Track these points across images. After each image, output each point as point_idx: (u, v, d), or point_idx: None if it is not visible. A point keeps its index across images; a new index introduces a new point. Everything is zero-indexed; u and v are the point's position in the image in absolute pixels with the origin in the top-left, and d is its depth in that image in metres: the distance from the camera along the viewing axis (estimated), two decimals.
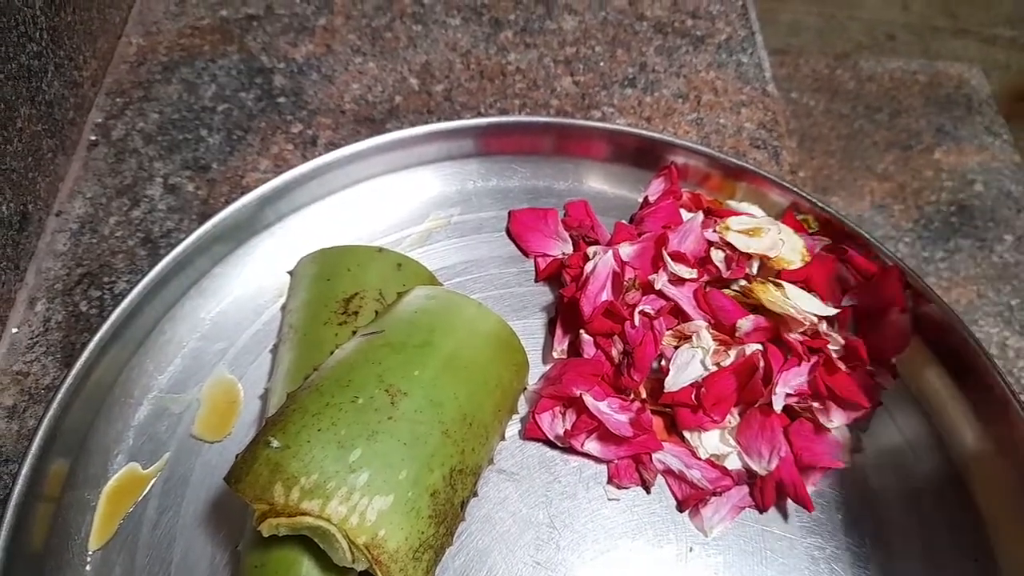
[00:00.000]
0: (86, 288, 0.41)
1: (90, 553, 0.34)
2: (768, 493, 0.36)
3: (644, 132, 0.47)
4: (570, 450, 0.38)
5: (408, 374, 0.32)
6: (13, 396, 0.38)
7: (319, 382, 0.32)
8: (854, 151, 0.55)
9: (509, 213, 0.45)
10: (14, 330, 0.39)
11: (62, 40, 0.44)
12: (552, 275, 0.43)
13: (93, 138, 0.47)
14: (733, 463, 0.37)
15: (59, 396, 0.34)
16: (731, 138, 0.51)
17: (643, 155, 0.47)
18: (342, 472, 0.29)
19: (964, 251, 0.56)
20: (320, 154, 0.45)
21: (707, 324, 0.38)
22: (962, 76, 0.63)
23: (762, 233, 0.40)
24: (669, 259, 0.39)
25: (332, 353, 0.35)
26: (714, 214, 0.43)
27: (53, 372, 0.39)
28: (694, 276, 0.39)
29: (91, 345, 0.36)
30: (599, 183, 0.48)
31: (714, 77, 0.53)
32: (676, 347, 0.39)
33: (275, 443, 0.30)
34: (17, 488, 0.32)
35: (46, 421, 0.34)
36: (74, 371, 0.35)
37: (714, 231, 0.41)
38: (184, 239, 0.40)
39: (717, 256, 0.40)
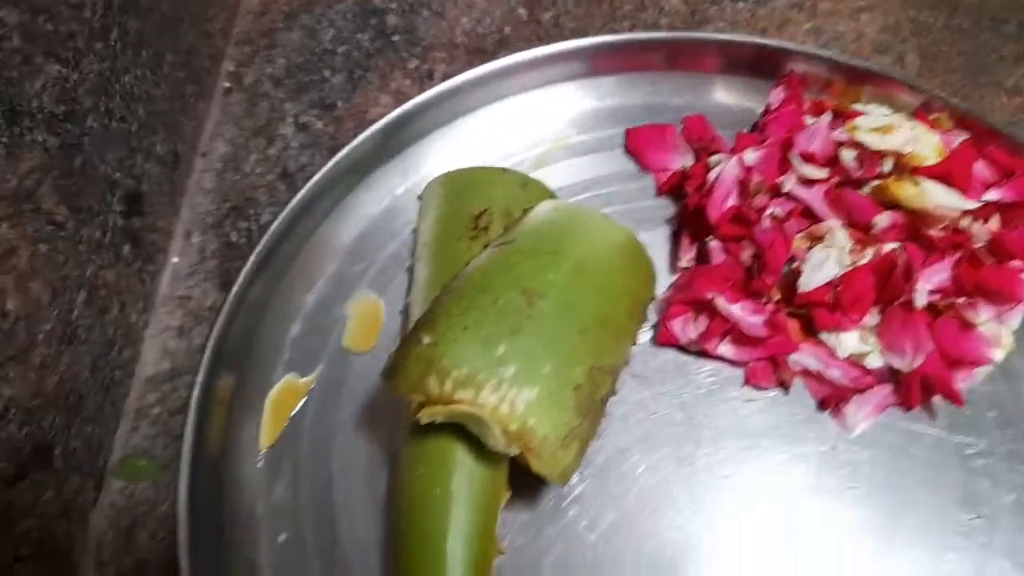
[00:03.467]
0: (234, 220, 0.44)
1: (260, 452, 0.37)
2: (914, 390, 0.36)
3: (759, 39, 0.46)
4: (703, 354, 0.38)
5: (542, 278, 0.33)
6: (179, 318, 0.41)
7: (460, 287, 0.34)
8: (979, 67, 0.52)
9: (626, 131, 0.46)
10: (175, 259, 0.43)
11: None
12: (674, 188, 0.43)
13: (227, 84, 0.49)
14: (874, 362, 0.37)
15: (222, 316, 0.37)
16: (852, 44, 0.50)
17: (760, 65, 0.46)
18: (490, 365, 0.31)
19: None
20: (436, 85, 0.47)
21: (841, 223, 0.38)
22: None
23: (894, 130, 0.39)
24: (799, 160, 0.39)
25: (467, 265, 0.36)
26: (842, 115, 0.41)
27: (213, 295, 0.42)
28: (824, 176, 0.39)
29: (245, 270, 0.39)
30: (716, 97, 0.47)
31: None
32: (809, 248, 0.38)
33: (426, 340, 0.32)
34: (195, 396, 0.36)
35: (213, 338, 0.37)
36: (232, 294, 0.38)
37: (842, 131, 0.40)
38: (317, 171, 0.42)
39: (847, 156, 0.39)
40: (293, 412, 0.38)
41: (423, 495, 0.33)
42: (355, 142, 0.42)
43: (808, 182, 0.39)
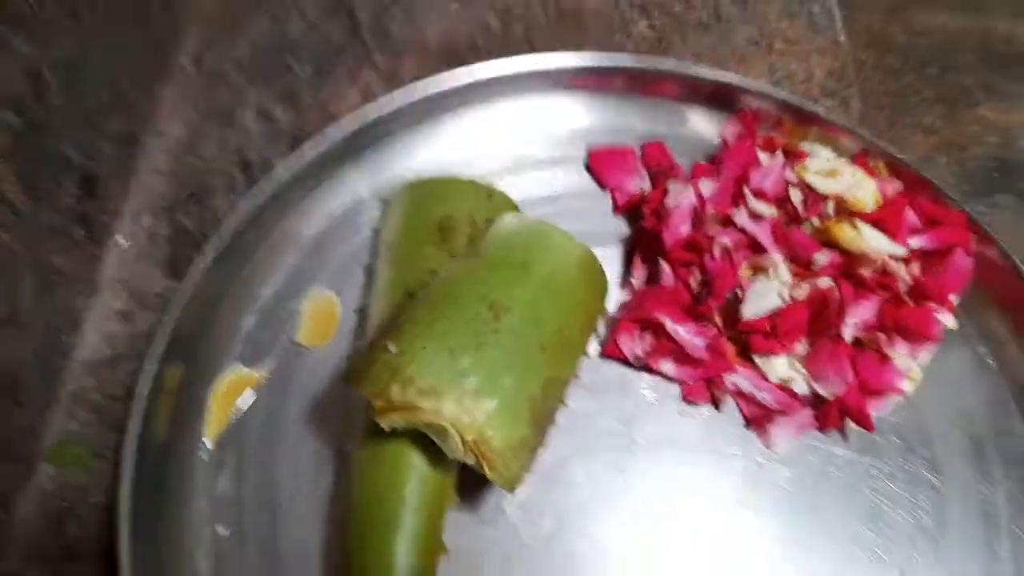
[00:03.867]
0: (188, 206, 0.43)
1: (205, 445, 0.37)
2: (832, 415, 0.38)
3: (717, 75, 0.48)
4: (646, 369, 0.40)
5: (509, 292, 0.34)
6: (124, 302, 0.40)
7: (428, 296, 0.35)
8: (903, 106, 0.55)
9: (588, 150, 0.47)
10: (123, 242, 0.42)
11: None
12: (630, 208, 0.45)
13: (188, 65, 0.48)
14: (800, 387, 0.39)
15: (175, 304, 0.37)
16: (802, 84, 0.52)
17: (718, 97, 0.48)
18: (454, 377, 0.32)
19: (1006, 207, 0.57)
20: (404, 85, 0.47)
21: (783, 257, 0.40)
22: (1013, 33, 0.63)
23: (838, 175, 0.42)
24: (751, 196, 0.41)
25: (431, 273, 0.37)
26: (792, 155, 0.44)
27: (161, 281, 0.41)
28: (773, 213, 0.41)
29: (200, 259, 0.38)
30: (675, 124, 0.49)
31: (786, 26, 0.54)
32: (751, 278, 0.40)
33: (393, 348, 0.32)
34: (141, 383, 0.35)
35: (164, 325, 0.36)
36: (186, 282, 0.37)
37: (792, 171, 0.42)
38: (280, 163, 0.42)
39: (795, 196, 0.42)
40: (241, 405, 0.38)
41: (375, 498, 0.33)
42: (320, 137, 0.42)
43: (757, 216, 0.41)
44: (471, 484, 0.35)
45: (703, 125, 0.49)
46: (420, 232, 0.39)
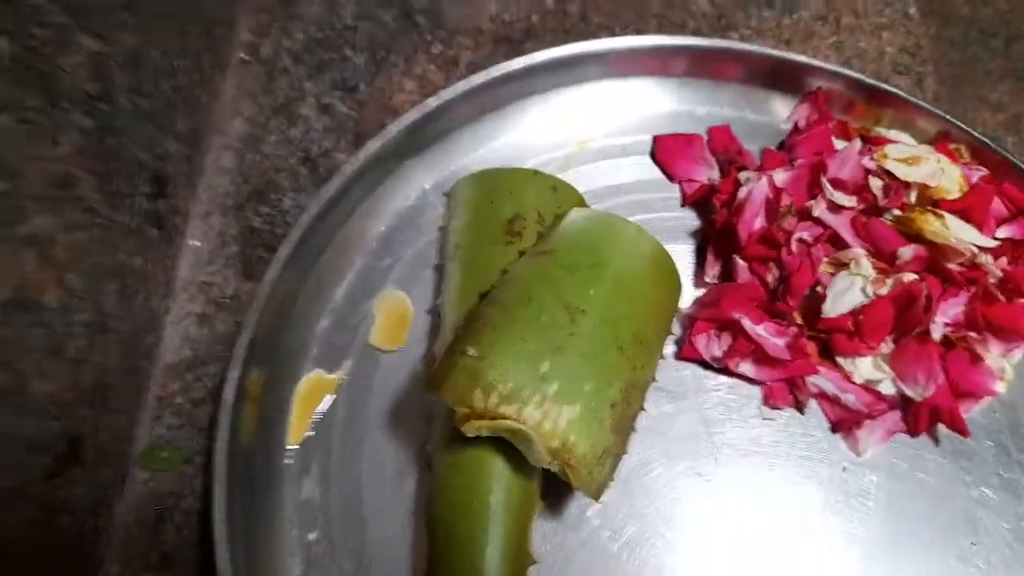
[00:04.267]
0: (256, 204, 0.43)
1: (289, 449, 0.37)
2: (922, 418, 0.38)
3: (785, 54, 0.46)
4: (724, 371, 0.40)
5: (584, 293, 0.34)
6: (201, 305, 0.41)
7: (502, 298, 0.34)
8: (965, 79, 0.53)
9: (653, 139, 0.46)
10: (194, 243, 0.42)
11: None
12: (699, 200, 0.44)
13: (244, 56, 0.48)
14: (887, 388, 0.38)
15: (254, 311, 0.37)
16: (872, 63, 0.50)
17: (783, 78, 0.47)
18: (534, 382, 0.31)
19: None
20: (462, 75, 0.46)
21: (866, 252, 0.39)
22: None
23: (921, 162, 0.40)
24: (828, 186, 0.40)
25: (502, 272, 0.37)
26: (869, 142, 0.42)
27: (235, 283, 0.41)
28: (853, 204, 0.40)
29: (274, 264, 0.38)
30: (739, 108, 0.47)
31: None
32: (832, 274, 0.39)
33: (472, 352, 0.32)
34: (226, 390, 0.35)
35: (245, 333, 0.36)
36: (263, 288, 0.37)
37: (871, 159, 0.41)
38: (343, 161, 0.41)
39: (875, 184, 0.40)
40: (321, 408, 0.38)
41: (461, 507, 0.33)
42: (382, 135, 0.42)
43: (837, 208, 0.40)
44: (554, 490, 0.35)
45: (769, 108, 0.47)
46: (489, 232, 0.39)
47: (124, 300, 0.35)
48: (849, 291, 0.38)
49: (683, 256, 0.43)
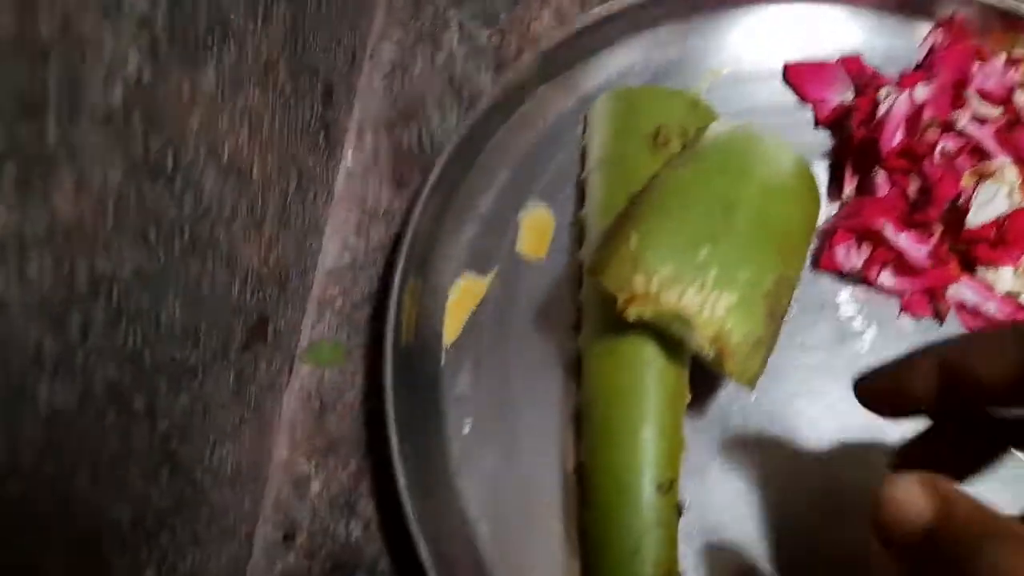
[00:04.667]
0: (406, 124, 0.45)
1: (444, 348, 0.39)
2: None
3: None
4: (861, 282, 0.40)
5: (735, 191, 0.35)
6: (357, 215, 0.43)
7: (655, 197, 0.36)
8: None
9: (785, 65, 0.46)
10: (349, 157, 0.44)
11: None
12: (834, 121, 0.44)
13: None
14: None
15: (411, 220, 0.39)
16: None
17: (919, 6, 0.47)
18: (693, 268, 0.32)
19: None
20: (595, 5, 0.47)
21: (1011, 161, 0.39)
22: None
23: None
24: (975, 97, 0.40)
25: (650, 180, 0.38)
26: (1011, 60, 0.42)
27: (387, 196, 0.44)
28: (999, 115, 0.40)
29: (430, 177, 0.40)
30: (867, 35, 0.47)
31: None
32: (974, 186, 0.40)
33: (633, 239, 0.33)
34: (393, 292, 0.38)
35: (406, 238, 0.39)
36: (420, 199, 0.39)
37: (1016, 73, 0.41)
38: (486, 86, 0.43)
39: (1020, 98, 0.40)
40: (473, 309, 0.40)
41: (615, 389, 0.35)
42: (522, 60, 0.44)
43: (982, 120, 0.40)
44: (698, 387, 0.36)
45: (902, 36, 0.47)
46: (633, 143, 0.40)
47: (300, 194, 0.38)
48: (993, 200, 0.39)
49: (817, 174, 0.43)
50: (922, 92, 0.41)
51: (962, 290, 0.39)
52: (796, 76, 0.46)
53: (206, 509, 0.31)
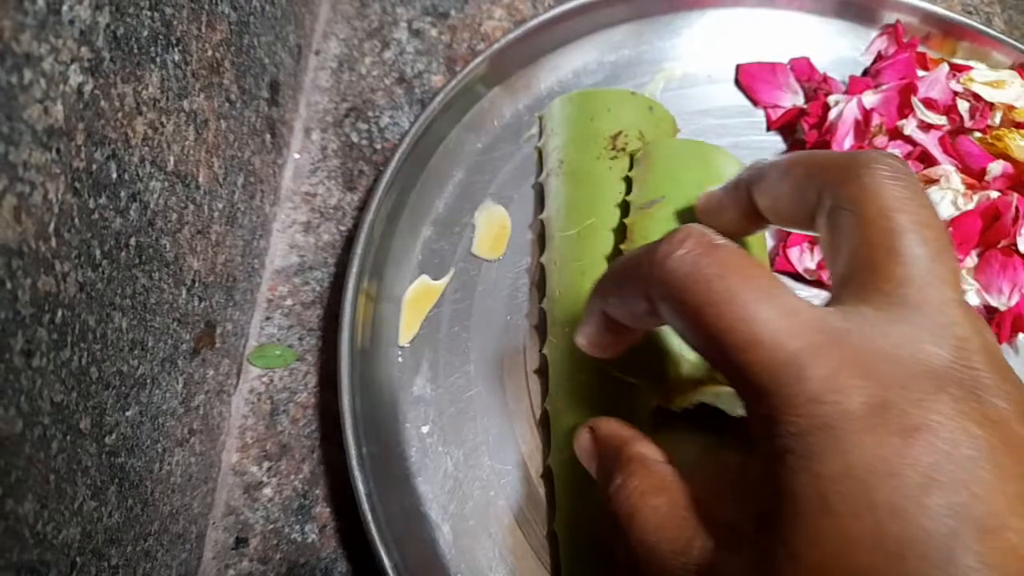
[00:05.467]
0: (354, 121, 0.44)
1: (401, 347, 0.38)
2: (1005, 327, 0.39)
3: None
4: (816, 283, 0.41)
5: None
6: (305, 214, 0.42)
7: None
8: None
9: (737, 67, 0.47)
10: (296, 156, 0.43)
11: None
12: (785, 125, 0.45)
13: None
14: (972, 300, 0.40)
15: (365, 216, 0.38)
16: (941, 3, 0.51)
17: (862, 13, 0.48)
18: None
19: None
20: (550, 4, 0.47)
21: (955, 168, 0.40)
22: None
23: (1005, 85, 0.42)
24: (920, 105, 0.41)
25: (611, 188, 0.38)
26: (953, 68, 0.44)
27: (336, 194, 0.42)
28: (943, 123, 0.41)
29: (381, 177, 0.39)
30: (815, 40, 0.48)
31: None
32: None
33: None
34: (346, 292, 0.37)
35: (360, 238, 0.38)
36: (372, 197, 0.38)
37: (958, 82, 0.42)
38: (438, 82, 0.42)
39: (963, 106, 0.41)
40: (428, 312, 0.39)
41: (582, 394, 0.35)
42: (476, 58, 0.43)
43: (927, 127, 0.41)
44: None
45: (844, 42, 0.49)
46: (593, 146, 0.40)
47: (247, 195, 0.36)
48: (939, 205, 0.40)
49: None
50: (871, 99, 0.42)
51: None
52: (748, 77, 0.46)
53: (157, 522, 0.30)
